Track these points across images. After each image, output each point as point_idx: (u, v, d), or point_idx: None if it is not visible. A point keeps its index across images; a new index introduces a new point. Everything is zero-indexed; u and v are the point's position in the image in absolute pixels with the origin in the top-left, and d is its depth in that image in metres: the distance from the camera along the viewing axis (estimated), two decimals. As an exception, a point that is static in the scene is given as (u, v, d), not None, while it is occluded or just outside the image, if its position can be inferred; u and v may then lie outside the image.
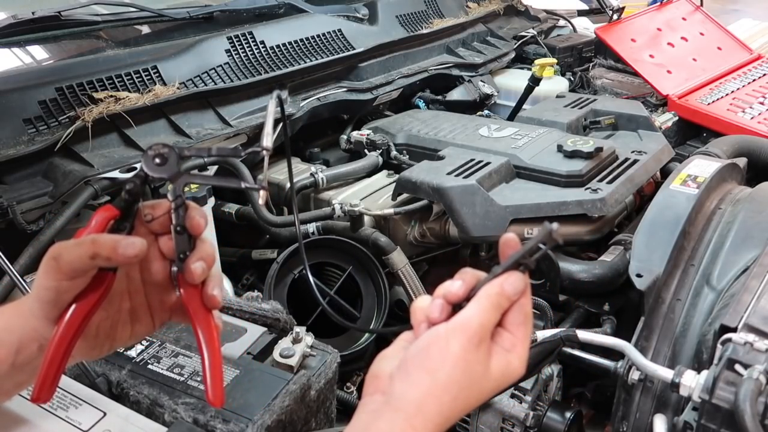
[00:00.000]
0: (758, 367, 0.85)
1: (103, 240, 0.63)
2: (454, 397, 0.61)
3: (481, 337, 0.62)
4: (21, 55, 1.59)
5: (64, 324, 0.63)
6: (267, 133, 0.67)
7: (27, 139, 1.31)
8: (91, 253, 0.62)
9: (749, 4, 6.65)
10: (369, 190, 1.65)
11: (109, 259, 0.62)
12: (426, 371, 0.61)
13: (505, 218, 1.37)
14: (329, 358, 0.97)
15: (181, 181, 0.65)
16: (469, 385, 0.61)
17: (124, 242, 0.63)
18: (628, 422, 1.09)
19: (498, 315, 0.63)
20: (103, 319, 0.67)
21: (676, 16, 2.52)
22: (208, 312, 0.67)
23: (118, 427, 0.81)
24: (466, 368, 0.61)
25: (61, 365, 0.63)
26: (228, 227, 1.60)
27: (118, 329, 0.69)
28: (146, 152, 0.65)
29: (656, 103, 2.15)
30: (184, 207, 0.65)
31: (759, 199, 1.31)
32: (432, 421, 0.60)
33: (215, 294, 0.67)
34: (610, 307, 1.30)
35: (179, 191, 0.65)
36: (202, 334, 0.66)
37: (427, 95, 2.14)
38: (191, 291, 0.66)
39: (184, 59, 1.62)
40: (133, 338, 0.71)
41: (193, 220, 0.66)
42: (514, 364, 0.64)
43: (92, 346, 0.68)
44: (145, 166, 0.65)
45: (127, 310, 0.69)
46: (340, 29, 1.97)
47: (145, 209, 0.66)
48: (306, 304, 1.37)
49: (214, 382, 0.65)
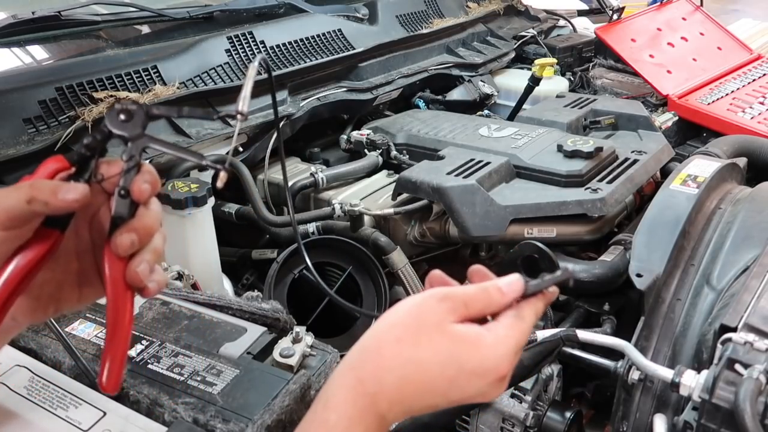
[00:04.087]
0: (758, 366, 0.85)
1: (41, 184, 0.58)
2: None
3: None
4: (21, 55, 1.59)
5: (4, 278, 0.58)
6: (244, 96, 0.60)
7: (27, 139, 1.31)
8: (28, 197, 0.57)
9: (749, 4, 6.65)
10: (369, 190, 1.65)
11: (47, 204, 0.57)
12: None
13: (505, 218, 1.37)
14: (329, 357, 0.97)
15: (140, 143, 0.60)
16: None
17: (65, 186, 0.58)
18: (628, 422, 1.09)
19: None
20: (48, 279, 0.62)
21: (676, 16, 2.52)
22: (128, 289, 0.60)
23: (118, 427, 0.81)
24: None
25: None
26: (228, 227, 1.60)
27: (64, 291, 0.65)
28: (113, 106, 0.61)
29: (656, 103, 2.15)
30: (137, 170, 0.60)
31: (759, 199, 1.31)
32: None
33: (140, 271, 0.59)
34: (610, 307, 1.30)
35: (134, 152, 0.60)
36: (111, 312, 0.60)
37: (427, 95, 2.14)
38: (115, 262, 0.59)
39: (184, 59, 1.62)
40: (82, 302, 0.66)
41: (135, 184, 0.59)
42: (487, 339, 0.60)
43: (35, 307, 0.63)
44: (108, 121, 0.60)
45: (75, 271, 0.64)
46: (340, 29, 1.97)
47: (101, 166, 0.61)
48: (306, 304, 1.37)
49: (112, 366, 0.59)
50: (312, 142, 1.91)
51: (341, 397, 0.60)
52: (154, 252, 0.61)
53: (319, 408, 0.61)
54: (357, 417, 0.59)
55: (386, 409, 0.60)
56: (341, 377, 0.62)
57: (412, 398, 0.60)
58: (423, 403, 0.61)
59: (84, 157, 0.60)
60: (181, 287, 1.14)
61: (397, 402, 0.60)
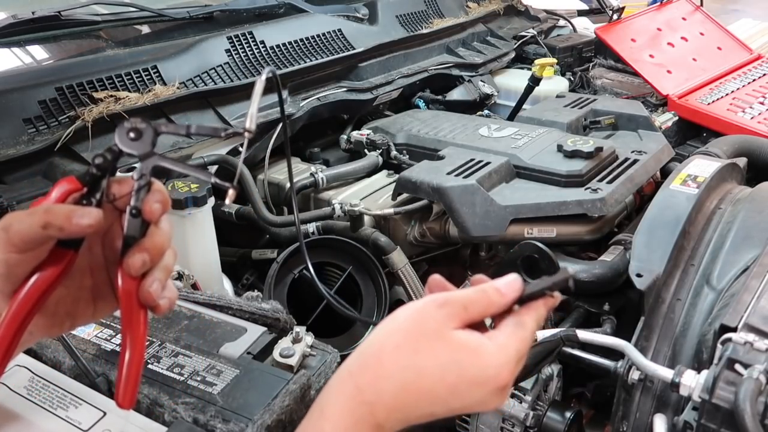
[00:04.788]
0: (758, 366, 0.85)
1: (57, 209, 0.59)
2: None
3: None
4: (21, 55, 1.59)
5: (20, 299, 0.59)
6: (251, 114, 0.62)
7: (27, 139, 1.31)
8: (43, 222, 0.58)
9: (749, 4, 6.65)
10: (369, 190, 1.65)
11: (62, 230, 0.58)
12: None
13: (505, 218, 1.37)
14: (329, 357, 0.97)
15: (150, 162, 0.61)
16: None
17: (79, 211, 0.58)
18: (628, 422, 1.09)
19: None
20: (63, 297, 0.64)
21: (676, 16, 2.52)
22: (141, 308, 0.61)
23: (117, 427, 0.81)
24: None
25: (13, 341, 0.59)
26: (228, 227, 1.60)
27: (79, 306, 0.66)
28: (122, 124, 0.61)
29: (656, 103, 2.15)
30: (147, 189, 0.61)
31: (759, 199, 1.31)
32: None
33: (152, 290, 0.60)
34: (610, 307, 1.30)
35: (145, 171, 0.61)
36: (126, 331, 0.61)
37: (427, 95, 2.14)
38: (129, 281, 0.61)
39: (184, 59, 1.62)
40: (96, 316, 0.68)
41: (146, 205, 0.60)
42: (486, 345, 0.60)
43: (51, 324, 0.65)
44: (118, 139, 0.60)
45: (89, 287, 0.66)
46: (340, 29, 1.97)
47: (113, 186, 0.61)
48: (306, 304, 1.37)
49: (127, 383, 0.60)
50: (312, 142, 1.91)
51: (338, 407, 0.60)
52: (165, 270, 0.62)
53: (315, 415, 0.61)
54: (352, 427, 0.59)
55: (384, 418, 0.59)
56: (340, 383, 0.62)
57: (410, 406, 0.59)
58: (422, 410, 0.60)
59: (95, 177, 0.61)
60: (181, 287, 1.14)
61: (396, 410, 0.59)
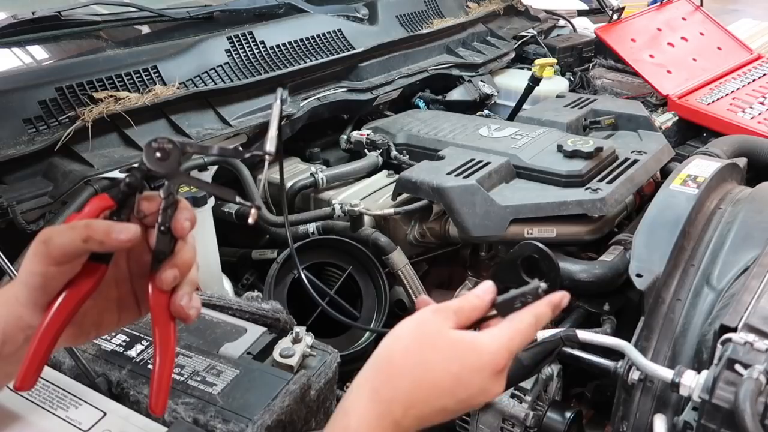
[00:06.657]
0: (758, 367, 0.85)
1: (97, 224, 0.62)
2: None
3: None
4: (21, 55, 1.59)
5: (54, 311, 0.62)
6: (271, 137, 0.66)
7: (27, 139, 1.31)
8: (84, 237, 0.61)
9: (749, 4, 6.65)
10: (369, 190, 1.65)
11: (102, 243, 0.62)
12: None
13: (505, 218, 1.37)
14: (329, 358, 0.97)
15: (176, 180, 0.64)
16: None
17: (117, 227, 0.62)
18: (628, 422, 1.09)
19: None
20: (90, 308, 0.67)
21: (676, 16, 2.52)
22: (172, 320, 0.65)
23: (118, 427, 0.81)
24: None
25: (47, 353, 0.62)
26: (228, 227, 1.60)
27: (105, 317, 0.69)
28: (149, 144, 0.64)
29: (656, 103, 2.15)
30: (174, 206, 0.64)
31: (759, 199, 1.31)
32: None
33: (183, 304, 0.65)
34: (610, 307, 1.30)
35: (172, 189, 0.64)
36: (159, 342, 0.65)
37: (427, 95, 2.14)
38: (159, 295, 0.65)
39: (184, 59, 1.61)
40: (120, 325, 0.72)
41: (177, 223, 0.64)
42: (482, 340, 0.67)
43: (78, 333, 0.68)
44: (146, 159, 0.64)
45: (114, 298, 0.69)
46: (340, 29, 1.97)
47: (141, 203, 0.65)
48: (306, 304, 1.37)
49: (159, 391, 0.64)
50: (312, 142, 1.91)
51: (361, 406, 0.66)
52: (192, 283, 0.68)
53: (339, 417, 0.67)
54: (375, 421, 0.64)
55: (401, 415, 0.65)
56: (358, 389, 0.67)
57: (423, 401, 0.65)
58: (433, 405, 0.66)
59: (126, 194, 0.64)
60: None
61: (410, 406, 0.65)
